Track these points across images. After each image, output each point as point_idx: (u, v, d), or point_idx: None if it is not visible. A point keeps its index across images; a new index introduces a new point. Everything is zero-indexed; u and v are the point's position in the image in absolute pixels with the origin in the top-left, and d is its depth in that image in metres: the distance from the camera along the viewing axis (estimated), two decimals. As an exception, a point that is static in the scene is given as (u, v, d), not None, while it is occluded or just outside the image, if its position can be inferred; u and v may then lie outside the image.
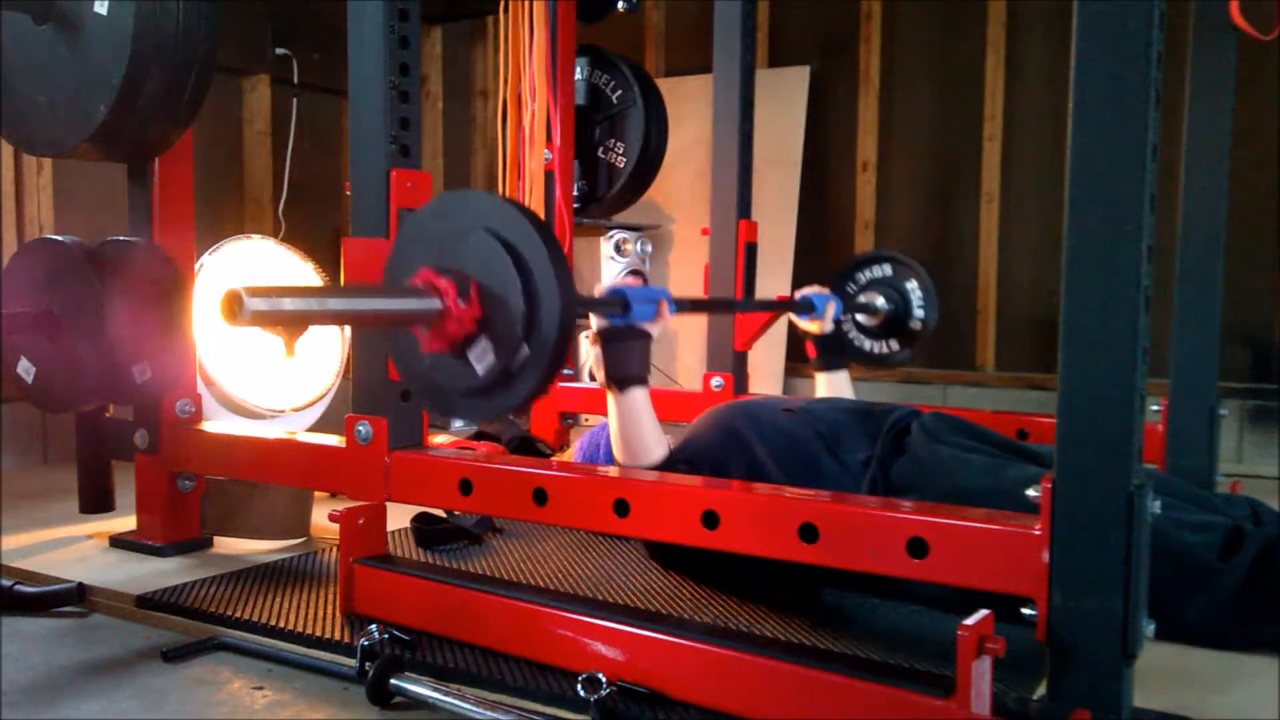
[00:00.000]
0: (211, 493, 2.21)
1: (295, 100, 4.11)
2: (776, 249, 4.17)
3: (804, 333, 2.59)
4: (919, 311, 2.70)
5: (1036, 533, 1.25)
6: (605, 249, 4.09)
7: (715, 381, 2.81)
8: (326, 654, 1.61)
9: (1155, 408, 2.31)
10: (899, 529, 1.33)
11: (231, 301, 1.16)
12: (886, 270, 2.74)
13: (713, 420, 2.04)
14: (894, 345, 2.77)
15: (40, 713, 1.44)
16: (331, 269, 2.89)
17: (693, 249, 4.34)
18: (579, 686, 1.38)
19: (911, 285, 2.71)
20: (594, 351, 1.80)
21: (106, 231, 2.14)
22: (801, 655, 1.37)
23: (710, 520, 1.46)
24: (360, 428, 1.80)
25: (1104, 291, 1.21)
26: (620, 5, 3.25)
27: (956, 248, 4.11)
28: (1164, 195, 1.29)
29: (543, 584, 1.94)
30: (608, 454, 2.15)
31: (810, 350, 2.60)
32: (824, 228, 4.36)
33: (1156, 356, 1.36)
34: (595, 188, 3.53)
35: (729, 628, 1.67)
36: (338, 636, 1.65)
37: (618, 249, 4.11)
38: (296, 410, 3.09)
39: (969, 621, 1.17)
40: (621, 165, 3.47)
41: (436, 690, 1.42)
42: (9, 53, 2.01)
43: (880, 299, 2.73)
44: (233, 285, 1.17)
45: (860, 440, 1.91)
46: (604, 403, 1.87)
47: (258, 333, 1.27)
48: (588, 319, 1.82)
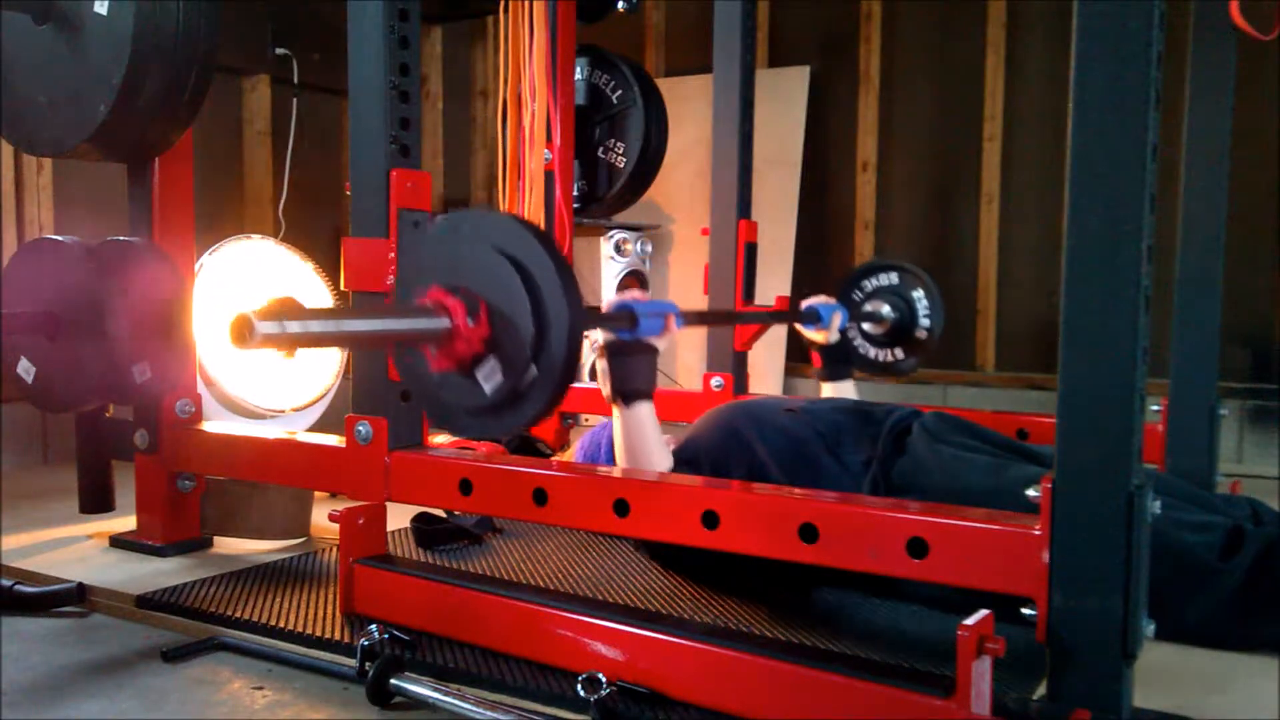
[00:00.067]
0: (211, 493, 2.21)
1: (295, 100, 4.11)
2: (776, 249, 4.17)
3: (809, 342, 2.59)
4: (925, 321, 2.71)
5: (1036, 533, 1.25)
6: (605, 249, 4.09)
7: (715, 381, 2.81)
8: (326, 654, 1.61)
9: (1155, 408, 2.31)
10: (899, 529, 1.33)
11: (241, 325, 1.15)
12: (893, 279, 2.74)
13: (714, 420, 2.04)
14: (899, 354, 2.78)
15: (40, 713, 1.44)
16: (331, 269, 2.89)
17: (693, 249, 4.34)
18: (579, 686, 1.38)
19: (918, 294, 2.71)
20: (600, 364, 1.80)
21: (106, 231, 2.14)
22: (801, 655, 1.37)
23: (710, 520, 1.46)
24: (360, 428, 1.80)
25: (1104, 291, 1.21)
26: (620, 5, 3.25)
27: (956, 248, 4.11)
28: (1164, 195, 1.29)
29: (543, 584, 1.94)
30: (609, 454, 2.15)
31: (816, 360, 2.60)
32: (824, 228, 4.36)
33: (1156, 356, 1.36)
34: (595, 188, 3.53)
35: (729, 628, 1.67)
36: (338, 636, 1.65)
37: (618, 249, 4.11)
38: (296, 410, 3.09)
39: (969, 621, 1.17)
40: (621, 165, 3.47)
41: (436, 690, 1.42)
42: (9, 53, 2.01)
43: (886, 307, 2.73)
44: (242, 309, 1.16)
45: (861, 440, 1.91)
46: (604, 402, 1.86)
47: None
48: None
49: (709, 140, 2.85)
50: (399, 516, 2.14)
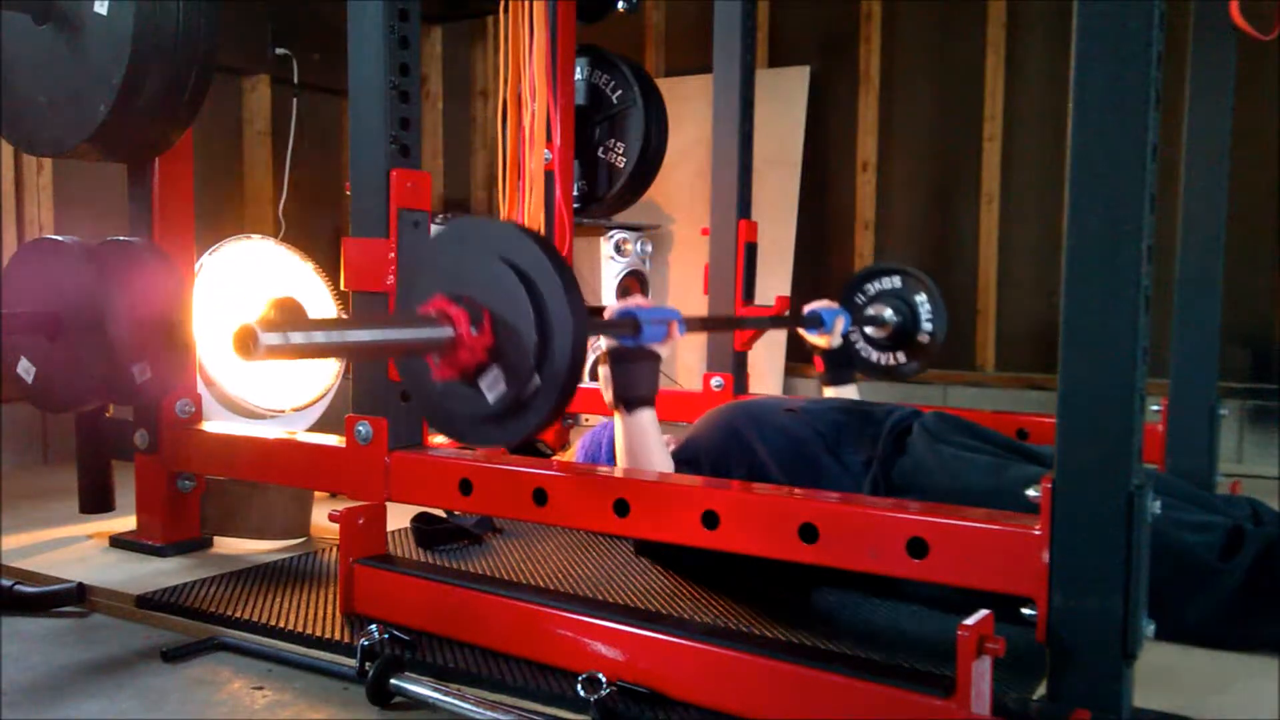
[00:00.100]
0: (211, 493, 2.21)
1: (295, 100, 4.11)
2: (776, 249, 4.17)
3: (812, 347, 2.59)
4: (928, 325, 2.71)
5: (1036, 533, 1.25)
6: (605, 249, 4.09)
7: (715, 381, 2.81)
8: (326, 654, 1.61)
9: (1155, 408, 2.31)
10: (899, 529, 1.33)
11: (246, 337, 1.15)
12: (896, 282, 2.75)
13: (714, 420, 2.04)
14: (901, 357, 2.78)
15: (40, 713, 1.44)
16: (331, 269, 2.89)
17: (693, 249, 4.34)
18: (579, 686, 1.38)
19: (920, 298, 2.71)
20: (602, 370, 1.80)
21: (106, 231, 2.14)
22: (801, 655, 1.37)
23: (710, 520, 1.46)
24: (360, 428, 1.80)
25: (1104, 291, 1.21)
26: (620, 5, 3.24)
27: (956, 248, 4.11)
28: (1164, 195, 1.29)
29: (543, 584, 1.94)
30: (609, 453, 2.15)
31: (818, 364, 2.60)
32: (824, 228, 4.36)
33: (1156, 356, 1.36)
34: (595, 188, 3.53)
35: (729, 628, 1.67)
36: (338, 636, 1.65)
37: (618, 249, 4.11)
38: (296, 410, 3.09)
39: (969, 621, 1.17)
40: (621, 165, 3.47)
41: (436, 690, 1.42)
42: (9, 53, 2.01)
43: (889, 311, 2.73)
44: (246, 321, 1.16)
45: (861, 440, 1.91)
46: (604, 402, 1.86)
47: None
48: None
49: (709, 140, 2.85)
50: (399, 516, 2.14)
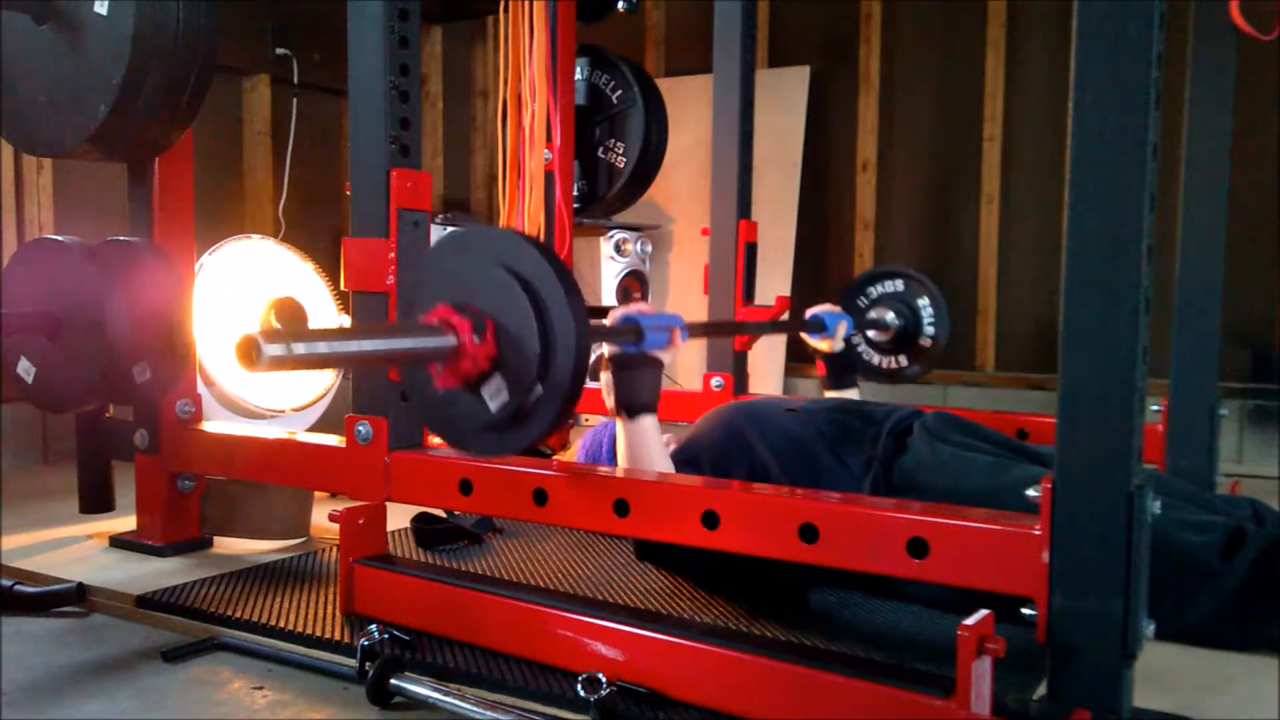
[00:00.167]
0: (211, 493, 2.21)
1: (295, 100, 4.11)
2: (776, 249, 4.18)
3: (814, 351, 2.59)
4: (930, 329, 2.71)
5: (1036, 533, 1.25)
6: (605, 249, 4.09)
7: (715, 381, 2.81)
8: (326, 654, 1.61)
9: (1155, 408, 2.31)
10: (899, 529, 1.33)
11: (248, 348, 1.15)
12: (898, 286, 2.75)
13: (715, 420, 2.04)
14: (903, 361, 2.78)
15: (40, 713, 1.44)
16: (331, 269, 2.89)
17: (693, 249, 4.34)
18: (579, 686, 1.38)
19: (923, 302, 2.71)
20: (604, 376, 1.80)
21: (106, 231, 2.14)
22: (801, 655, 1.37)
23: (710, 520, 1.46)
24: (360, 428, 1.80)
25: (1104, 291, 1.21)
26: (620, 5, 3.24)
27: (956, 248, 4.11)
28: (1164, 195, 1.29)
29: (543, 584, 1.94)
30: (610, 452, 2.15)
31: (820, 368, 2.60)
32: (824, 228, 4.36)
33: (1156, 356, 1.36)
34: (595, 188, 3.53)
35: (729, 628, 1.67)
36: (338, 636, 1.65)
37: (618, 249, 4.11)
38: (296, 410, 3.09)
39: (969, 621, 1.17)
40: (621, 165, 3.47)
41: (436, 690, 1.42)
42: (9, 53, 2.01)
43: (891, 314, 2.73)
44: (248, 331, 1.16)
45: (862, 440, 1.91)
46: (604, 402, 1.86)
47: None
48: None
49: (709, 140, 2.85)
50: (399, 516, 2.14)
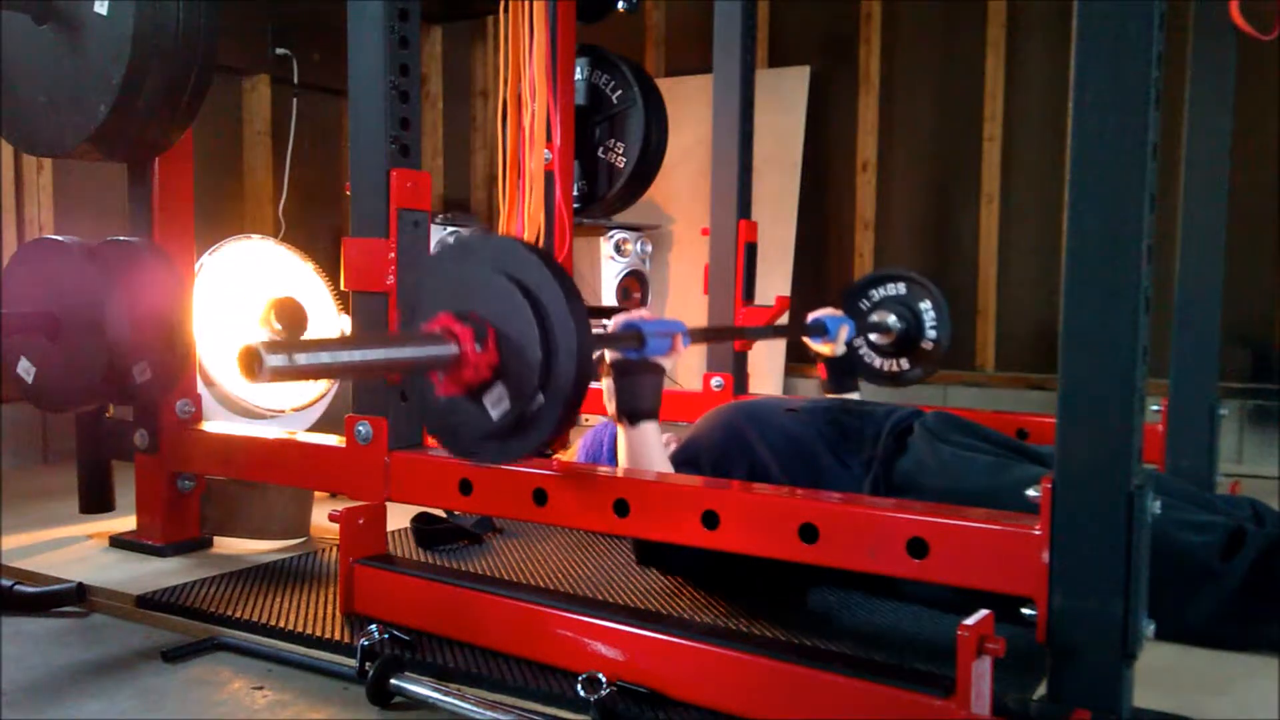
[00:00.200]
0: (211, 493, 2.21)
1: (295, 100, 4.11)
2: (776, 249, 4.17)
3: (816, 354, 2.59)
4: (932, 332, 2.71)
5: (1036, 533, 1.25)
6: (605, 249, 4.09)
7: (715, 381, 2.81)
8: (326, 654, 1.61)
9: (1155, 408, 2.31)
10: (899, 529, 1.33)
11: (250, 358, 1.15)
12: (900, 289, 2.75)
13: (715, 420, 2.04)
14: (905, 364, 2.78)
15: (40, 713, 1.44)
16: (331, 269, 2.89)
17: (693, 249, 4.34)
18: (579, 686, 1.38)
19: (925, 305, 2.71)
20: (606, 382, 1.80)
21: (106, 231, 2.14)
22: (801, 655, 1.37)
23: (710, 520, 1.46)
24: (360, 428, 1.80)
25: (1104, 291, 1.21)
26: (620, 5, 3.24)
27: (956, 248, 4.11)
28: (1164, 195, 1.29)
29: (543, 584, 1.94)
30: (610, 452, 2.15)
31: (822, 371, 2.60)
32: (824, 228, 4.36)
33: (1156, 356, 1.36)
34: (595, 188, 3.53)
35: (729, 628, 1.67)
36: (338, 636, 1.65)
37: (618, 249, 4.11)
38: (296, 410, 3.09)
39: (969, 621, 1.17)
40: (621, 165, 3.47)
41: (436, 690, 1.42)
42: (9, 53, 2.01)
43: (893, 318, 2.73)
44: (250, 342, 1.16)
45: (862, 440, 1.91)
46: (603, 402, 1.86)
47: (259, 331, 1.26)
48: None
49: (709, 140, 2.85)
50: (399, 516, 2.14)
